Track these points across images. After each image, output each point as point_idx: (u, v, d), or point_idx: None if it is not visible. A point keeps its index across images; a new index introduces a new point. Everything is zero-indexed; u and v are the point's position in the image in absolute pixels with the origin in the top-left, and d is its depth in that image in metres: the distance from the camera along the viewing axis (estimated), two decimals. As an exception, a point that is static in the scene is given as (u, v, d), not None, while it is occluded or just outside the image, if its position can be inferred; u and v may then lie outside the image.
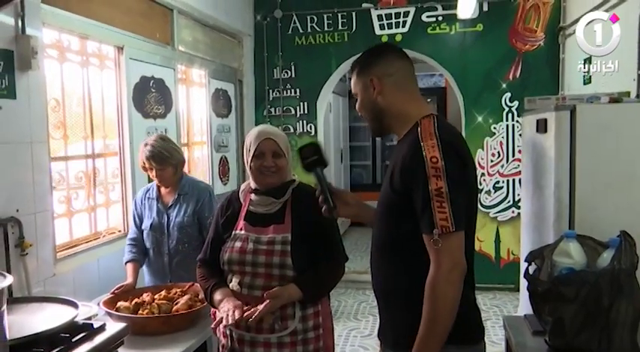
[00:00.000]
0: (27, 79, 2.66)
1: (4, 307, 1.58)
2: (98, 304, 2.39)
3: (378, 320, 1.76)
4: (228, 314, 1.83)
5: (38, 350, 1.75)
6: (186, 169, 4.33)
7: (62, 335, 1.88)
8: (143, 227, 2.88)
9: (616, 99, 2.15)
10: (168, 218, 2.85)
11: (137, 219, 2.92)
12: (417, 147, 1.47)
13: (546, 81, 5.15)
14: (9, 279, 1.59)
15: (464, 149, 1.55)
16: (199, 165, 4.87)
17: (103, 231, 3.50)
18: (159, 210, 2.87)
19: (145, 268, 2.94)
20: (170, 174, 2.82)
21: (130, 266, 2.80)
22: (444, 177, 1.41)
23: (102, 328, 2.04)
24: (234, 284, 1.95)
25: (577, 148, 2.09)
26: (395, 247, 1.61)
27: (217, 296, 1.96)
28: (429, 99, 8.67)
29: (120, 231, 3.62)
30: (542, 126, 2.25)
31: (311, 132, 5.80)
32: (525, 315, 2.09)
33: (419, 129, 1.53)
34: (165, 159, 2.77)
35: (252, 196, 2.02)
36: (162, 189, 2.90)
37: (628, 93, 2.28)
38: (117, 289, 2.60)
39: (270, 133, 2.00)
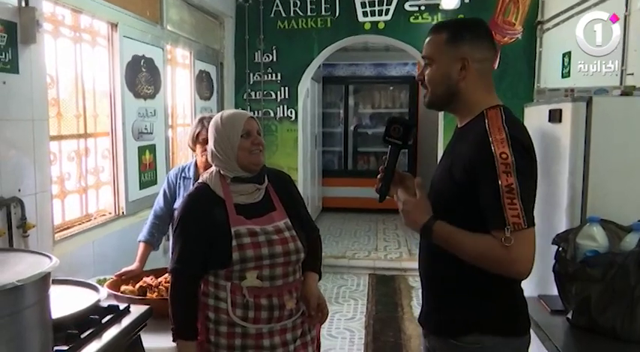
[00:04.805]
0: (29, 52, 2.55)
1: (50, 289, 1.54)
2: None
3: (421, 305, 1.75)
4: None
5: (72, 331, 1.72)
6: (170, 152, 4.30)
7: (91, 316, 1.85)
8: (176, 205, 2.71)
9: (627, 92, 2.26)
10: None
11: (168, 196, 2.78)
12: (485, 141, 1.43)
13: (523, 73, 5.32)
14: (55, 261, 1.55)
15: (531, 143, 1.49)
16: (182, 147, 4.78)
17: (94, 212, 3.41)
18: None
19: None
20: None
21: (142, 246, 2.67)
22: (514, 173, 1.38)
23: (127, 310, 2.02)
24: (250, 280, 1.83)
25: (592, 137, 2.19)
26: None
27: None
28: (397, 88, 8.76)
29: (110, 213, 3.54)
30: (556, 116, 2.33)
31: (291, 118, 5.79)
32: (539, 296, 2.19)
33: (486, 121, 1.48)
34: None
35: (233, 187, 1.90)
36: (202, 171, 2.72)
37: (633, 87, 2.38)
38: (123, 274, 2.51)
39: (248, 113, 1.97)
